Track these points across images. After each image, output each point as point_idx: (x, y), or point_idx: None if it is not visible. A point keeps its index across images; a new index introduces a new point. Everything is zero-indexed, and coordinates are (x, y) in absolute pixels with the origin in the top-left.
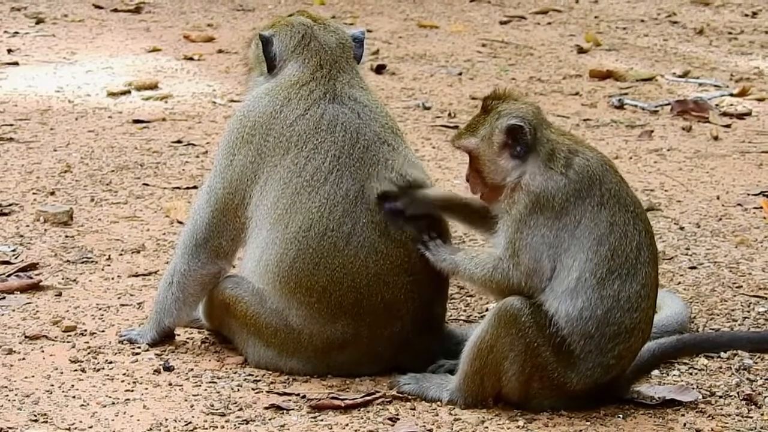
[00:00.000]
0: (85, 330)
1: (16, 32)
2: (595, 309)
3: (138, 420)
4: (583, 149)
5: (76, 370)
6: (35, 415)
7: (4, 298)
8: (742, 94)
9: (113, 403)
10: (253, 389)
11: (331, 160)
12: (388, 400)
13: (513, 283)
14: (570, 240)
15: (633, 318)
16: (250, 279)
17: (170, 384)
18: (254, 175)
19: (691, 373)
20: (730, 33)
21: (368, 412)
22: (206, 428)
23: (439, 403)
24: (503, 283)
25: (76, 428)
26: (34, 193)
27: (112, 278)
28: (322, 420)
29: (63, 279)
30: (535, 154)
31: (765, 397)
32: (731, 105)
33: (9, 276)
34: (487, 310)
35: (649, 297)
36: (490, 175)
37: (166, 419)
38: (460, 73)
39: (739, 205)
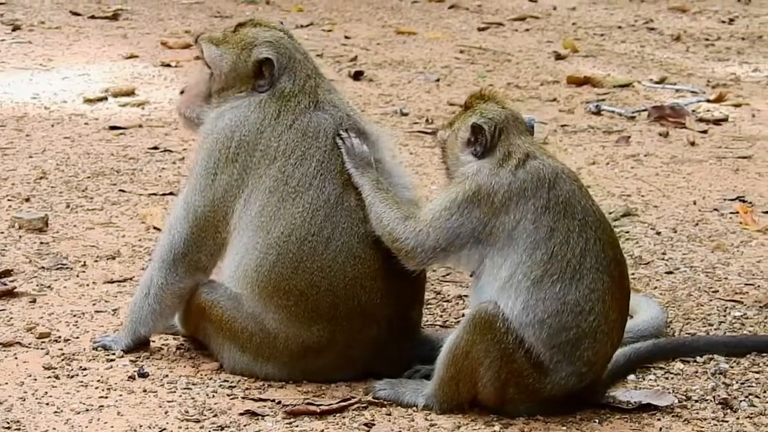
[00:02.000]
0: (60, 336)
1: None
2: (540, 312)
3: (112, 427)
4: (544, 157)
5: (49, 377)
6: (8, 423)
7: None
8: (719, 100)
9: (87, 410)
10: (228, 395)
11: (316, 165)
12: (363, 405)
13: (409, 245)
14: (505, 240)
15: (589, 321)
16: (228, 284)
17: (145, 390)
18: (239, 191)
19: (667, 378)
20: (707, 39)
21: (344, 417)
22: None
23: (414, 408)
24: (400, 238)
25: None
26: (9, 200)
27: (87, 285)
28: (297, 426)
29: (37, 285)
30: (492, 155)
31: (741, 401)
32: (708, 111)
33: None
34: (463, 315)
35: (604, 301)
36: (451, 168)
37: (141, 426)
38: (438, 80)
39: (715, 210)
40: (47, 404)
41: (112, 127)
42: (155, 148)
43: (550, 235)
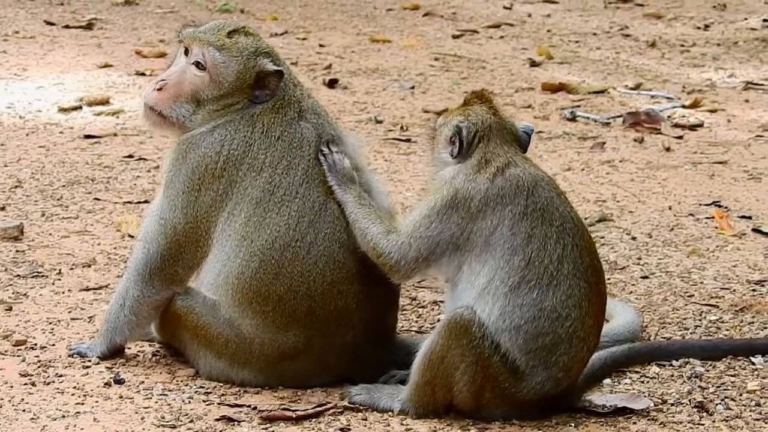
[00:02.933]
0: (36, 344)
1: None
2: (517, 318)
3: None
4: (524, 164)
5: (26, 384)
6: None
7: None
8: (694, 105)
9: (63, 416)
10: (204, 401)
11: (302, 174)
12: (339, 410)
13: (393, 258)
14: (483, 245)
15: (566, 327)
16: (206, 291)
17: (121, 397)
18: (223, 204)
19: (642, 382)
20: (682, 46)
21: (320, 423)
22: None
23: (390, 413)
24: (383, 252)
25: None
26: None
27: (63, 292)
28: (273, 431)
29: (13, 293)
30: (470, 160)
31: (716, 404)
32: (683, 116)
33: None
34: (438, 320)
35: (581, 307)
36: (430, 163)
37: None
38: (413, 87)
39: (690, 215)
40: (24, 411)
41: (87, 136)
42: (130, 156)
43: (528, 241)
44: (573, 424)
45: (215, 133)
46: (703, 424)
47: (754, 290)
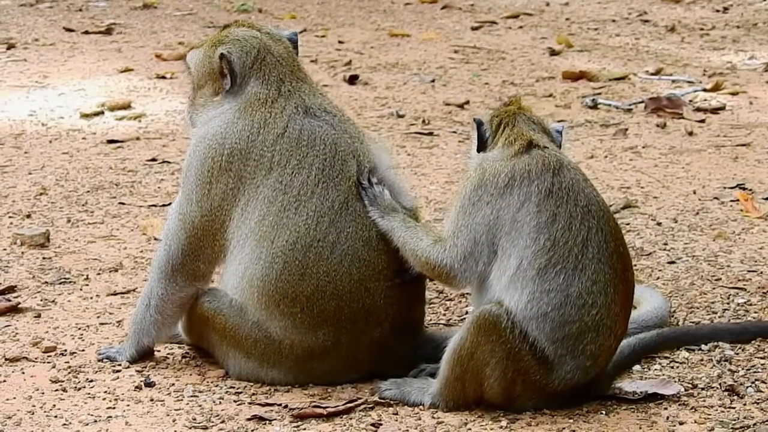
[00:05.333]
0: (65, 350)
1: None
2: (544, 305)
3: None
4: (550, 146)
5: (57, 390)
6: None
7: None
8: (716, 89)
9: (95, 421)
10: (235, 401)
11: (316, 173)
12: (370, 406)
13: (446, 264)
14: (511, 223)
15: (592, 315)
16: (232, 294)
17: (152, 400)
18: (234, 200)
19: (672, 367)
20: (701, 29)
21: (351, 419)
22: None
23: (421, 407)
24: (436, 263)
25: None
26: (10, 217)
27: (91, 297)
28: (305, 429)
29: (41, 300)
30: (496, 146)
31: (747, 387)
32: (705, 100)
33: None
34: (466, 313)
35: (606, 293)
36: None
37: None
38: (433, 81)
39: (715, 198)
40: (56, 417)
41: (110, 141)
42: (153, 159)
43: (553, 220)
44: (604, 412)
45: (214, 124)
46: (734, 408)
47: None
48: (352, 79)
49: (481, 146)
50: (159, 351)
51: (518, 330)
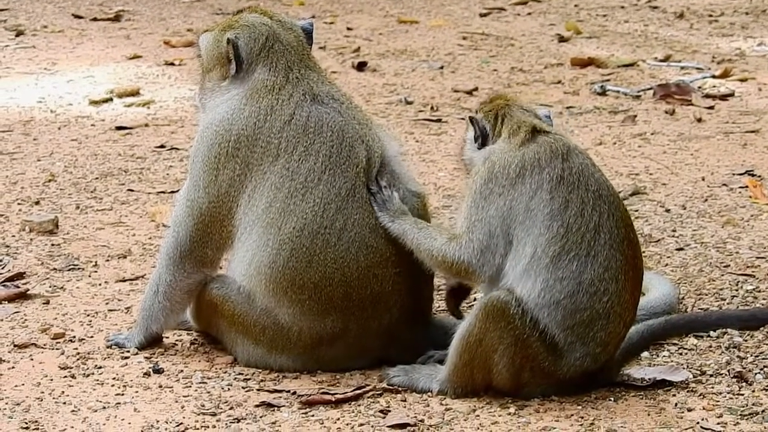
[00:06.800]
0: (74, 336)
1: None
2: (557, 293)
3: (129, 423)
4: (554, 133)
5: (65, 377)
6: (26, 423)
7: None
8: (724, 75)
9: (104, 408)
10: (243, 388)
11: (323, 160)
12: (378, 392)
13: (464, 260)
14: (525, 212)
15: (603, 302)
16: (240, 281)
17: (160, 386)
18: (241, 186)
19: (680, 354)
20: (710, 15)
21: (359, 405)
22: (197, 428)
23: (429, 393)
24: (453, 260)
25: None
26: (19, 204)
27: (100, 284)
28: (313, 415)
29: (50, 287)
30: (499, 139)
31: (755, 374)
32: (714, 87)
33: None
34: (475, 300)
35: (617, 280)
36: (467, 166)
37: (158, 421)
38: (442, 67)
39: (724, 185)
40: (64, 403)
41: (119, 128)
42: (162, 146)
43: (566, 206)
44: (612, 399)
45: (222, 109)
46: (742, 394)
47: None
48: (361, 66)
49: (484, 141)
50: (167, 337)
51: (528, 317)
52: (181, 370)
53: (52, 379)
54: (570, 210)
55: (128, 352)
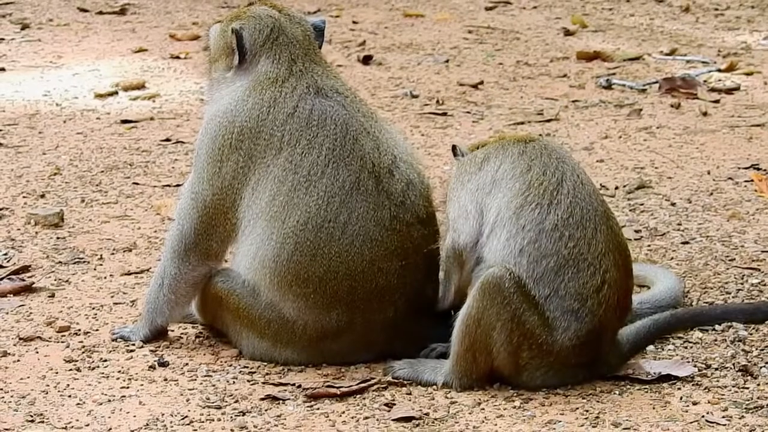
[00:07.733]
0: (79, 329)
1: (2, 38)
2: (520, 240)
3: (134, 416)
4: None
5: (71, 370)
6: (31, 416)
7: None
8: (730, 69)
9: (109, 401)
10: (248, 381)
11: (327, 153)
12: (383, 386)
13: (465, 246)
14: (491, 184)
15: (569, 247)
16: (244, 274)
17: (165, 379)
18: (245, 179)
19: (686, 347)
20: (716, 9)
21: (364, 398)
22: (203, 421)
23: (434, 386)
24: (453, 250)
25: (72, 427)
26: (24, 197)
27: (105, 277)
28: (318, 409)
29: (55, 280)
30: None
31: (761, 367)
32: (719, 80)
33: (1, 279)
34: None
35: (584, 227)
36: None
37: (163, 414)
38: (447, 61)
39: (729, 179)
40: (69, 396)
41: (124, 121)
42: (167, 140)
43: (528, 168)
44: (617, 392)
45: (225, 101)
46: (747, 388)
47: None
48: (366, 60)
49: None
50: (172, 331)
51: (522, 290)
52: (186, 363)
53: (57, 372)
54: (532, 171)
55: (133, 345)
